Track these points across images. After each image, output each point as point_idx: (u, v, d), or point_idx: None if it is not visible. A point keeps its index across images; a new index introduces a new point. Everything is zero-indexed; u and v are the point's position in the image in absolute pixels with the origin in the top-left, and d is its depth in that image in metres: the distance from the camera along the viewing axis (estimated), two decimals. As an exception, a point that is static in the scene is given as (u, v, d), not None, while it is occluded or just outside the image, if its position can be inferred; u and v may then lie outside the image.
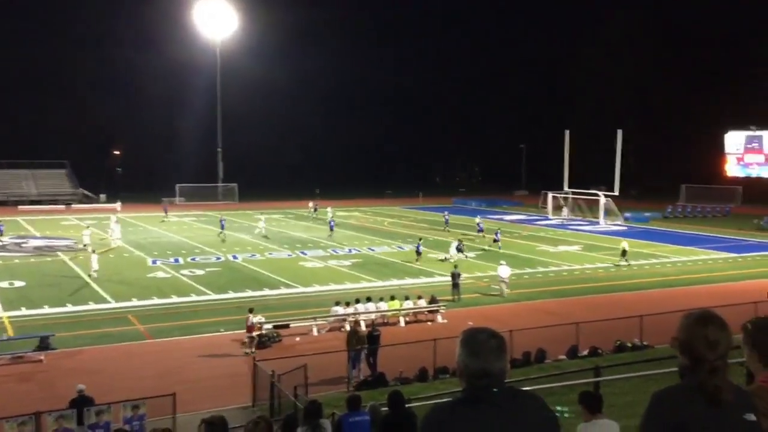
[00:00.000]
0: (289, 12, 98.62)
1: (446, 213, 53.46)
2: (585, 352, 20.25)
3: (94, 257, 32.56)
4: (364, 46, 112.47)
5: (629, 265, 35.99)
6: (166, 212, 60.26)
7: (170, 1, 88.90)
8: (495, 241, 41.24)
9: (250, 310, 22.01)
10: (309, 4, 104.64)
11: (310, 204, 61.93)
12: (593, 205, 59.22)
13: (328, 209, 56.63)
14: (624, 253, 36.50)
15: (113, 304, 26.90)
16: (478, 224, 47.61)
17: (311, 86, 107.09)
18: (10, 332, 22.52)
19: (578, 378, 12.63)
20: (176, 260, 36.97)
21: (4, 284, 30.21)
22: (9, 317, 24.47)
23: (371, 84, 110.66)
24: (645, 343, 21.02)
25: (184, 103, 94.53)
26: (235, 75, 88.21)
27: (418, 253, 36.73)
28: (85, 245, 39.14)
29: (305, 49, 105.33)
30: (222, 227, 46.63)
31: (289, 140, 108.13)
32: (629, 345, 20.95)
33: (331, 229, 47.45)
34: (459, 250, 37.49)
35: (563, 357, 19.99)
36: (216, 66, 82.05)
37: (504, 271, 28.71)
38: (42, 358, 19.90)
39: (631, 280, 32.81)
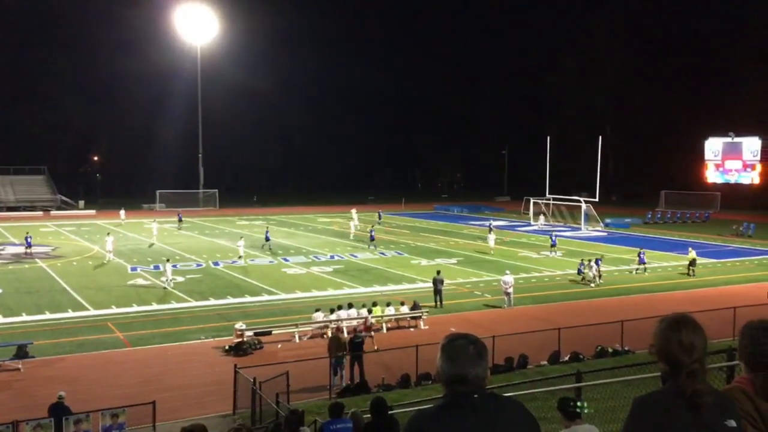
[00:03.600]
0: (270, 17, 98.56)
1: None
2: (567, 358, 20.34)
3: (169, 266, 31.47)
4: (346, 51, 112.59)
5: (694, 274, 35.19)
6: (180, 220, 56.51)
7: (151, 5, 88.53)
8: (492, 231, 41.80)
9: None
10: (290, 9, 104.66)
11: (353, 212, 60.58)
12: (574, 210, 59.58)
13: (353, 215, 55.81)
14: (693, 263, 35.58)
15: (92, 312, 26.62)
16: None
17: (292, 92, 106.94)
18: (-13, 340, 22.19)
19: (560, 383, 12.65)
20: (156, 267, 36.66)
21: (-19, 292, 29.81)
22: (-14, 325, 24.13)
23: (352, 90, 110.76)
24: (626, 348, 21.15)
25: (164, 108, 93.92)
26: (216, 80, 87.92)
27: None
28: (109, 251, 38.40)
29: (286, 54, 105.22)
30: (267, 239, 43.23)
31: (270, 146, 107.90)
32: (610, 350, 21.06)
33: (372, 240, 44.25)
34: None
35: (545, 362, 20.07)
36: (197, 71, 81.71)
37: (507, 280, 28.20)
38: (20, 366, 19.63)
39: (612, 286, 33.00)
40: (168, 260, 32.55)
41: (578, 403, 6.78)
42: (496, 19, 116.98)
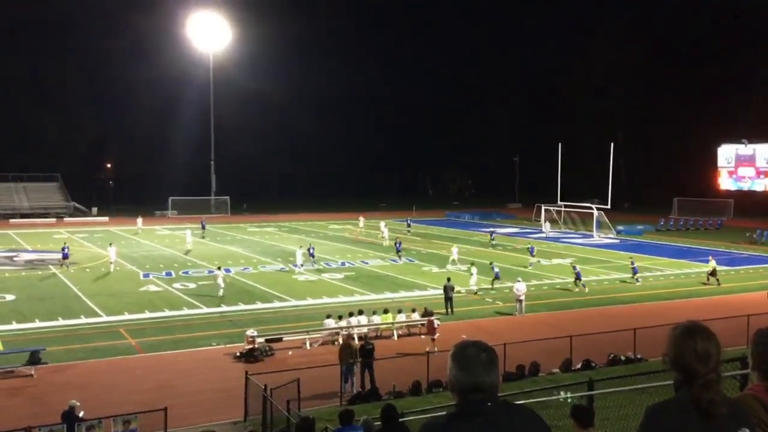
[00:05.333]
0: (282, 24, 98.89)
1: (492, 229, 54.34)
2: (579, 365, 20.23)
3: (220, 274, 31.02)
4: (357, 58, 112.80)
5: (719, 282, 34.66)
6: (203, 227, 56.09)
7: (164, 14, 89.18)
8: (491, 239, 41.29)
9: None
10: (302, 16, 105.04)
11: (360, 219, 60.04)
12: (586, 218, 59.35)
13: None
14: (714, 272, 35.02)
15: (105, 318, 26.75)
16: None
17: (304, 99, 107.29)
18: (1, 346, 22.34)
19: (572, 391, 12.59)
20: (168, 274, 36.81)
21: (-5, 298, 30.02)
22: (-1, 331, 24.30)
23: (363, 96, 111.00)
24: (639, 356, 21.01)
25: (176, 115, 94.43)
26: (228, 87, 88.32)
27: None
28: (111, 262, 37.71)
29: (298, 61, 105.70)
30: (311, 253, 40.42)
31: (281, 152, 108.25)
32: (623, 358, 20.94)
33: (398, 251, 42.87)
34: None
35: (557, 370, 19.97)
36: (209, 78, 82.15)
37: (520, 287, 28.12)
38: (32, 372, 19.72)
39: (625, 293, 32.83)
40: (220, 267, 32.38)
41: (562, 393, 6.77)
42: (508, 25, 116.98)
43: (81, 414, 14.36)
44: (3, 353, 21.13)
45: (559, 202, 60.99)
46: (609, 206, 55.63)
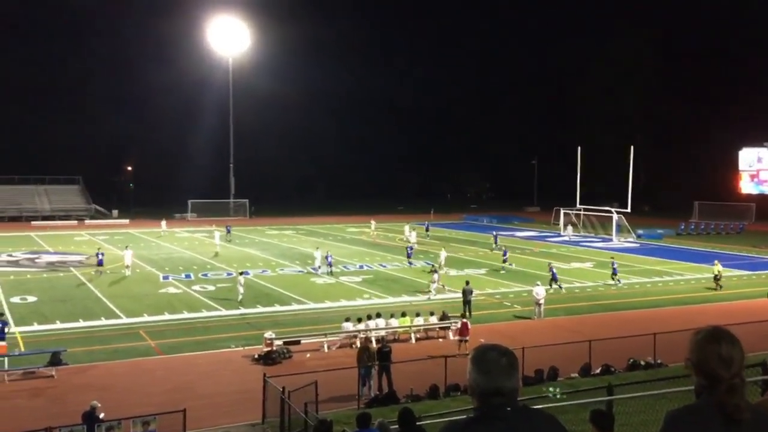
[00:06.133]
0: (300, 27, 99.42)
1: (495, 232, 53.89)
2: (598, 370, 20.09)
3: (240, 279, 30.77)
4: (374, 62, 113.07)
5: (721, 288, 34.36)
6: (228, 231, 55.50)
7: (184, 18, 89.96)
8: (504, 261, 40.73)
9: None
10: (320, 19, 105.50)
11: (372, 223, 60.33)
12: (605, 221, 58.96)
13: (406, 229, 55.44)
14: (717, 278, 34.64)
15: (125, 320, 26.96)
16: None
17: (322, 101, 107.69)
18: (22, 347, 22.59)
19: (591, 396, 12.51)
20: (188, 276, 37.06)
21: (17, 299, 30.36)
22: (21, 332, 24.55)
23: (381, 100, 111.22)
24: (659, 361, 20.82)
25: (196, 119, 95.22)
26: (247, 91, 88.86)
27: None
28: (127, 266, 37.43)
29: (317, 63, 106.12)
30: (329, 262, 38.69)
31: (300, 155, 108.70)
32: (642, 363, 20.75)
33: (409, 256, 42.20)
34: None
35: (576, 375, 19.83)
36: (228, 82, 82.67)
37: (539, 291, 28.00)
38: (53, 373, 19.92)
39: (645, 298, 32.58)
40: (241, 272, 32.25)
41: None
42: (525, 28, 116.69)
43: (101, 415, 14.49)
44: (24, 354, 21.36)
45: (578, 205, 60.65)
46: (629, 210, 55.24)
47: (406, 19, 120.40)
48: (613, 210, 56.90)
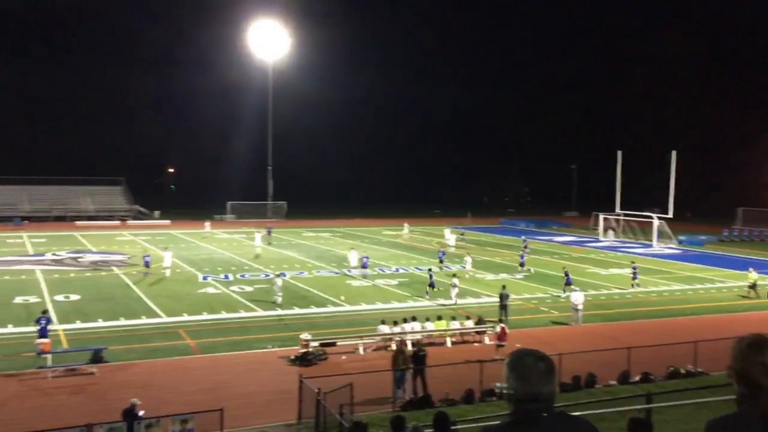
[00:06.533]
0: (340, 32, 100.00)
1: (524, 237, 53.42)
2: (637, 378, 19.77)
3: (279, 281, 30.92)
4: (413, 65, 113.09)
5: (758, 296, 33.68)
6: (269, 233, 55.39)
7: (225, 23, 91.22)
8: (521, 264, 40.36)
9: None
10: (358, 24, 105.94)
11: (405, 226, 60.07)
12: (646, 227, 58.06)
13: (447, 232, 55.57)
14: (754, 285, 33.94)
15: (164, 319, 27.38)
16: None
17: (360, 105, 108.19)
18: (65, 344, 23.08)
19: (629, 404, 12.33)
20: (226, 276, 37.49)
21: (60, 297, 31.04)
22: (64, 330, 25.09)
23: (420, 103, 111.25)
24: (699, 369, 20.42)
25: (236, 122, 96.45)
26: (287, 94, 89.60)
27: (431, 285, 33.03)
28: (166, 267, 37.49)
29: (355, 68, 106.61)
30: (364, 264, 38.87)
31: (337, 158, 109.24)
32: (683, 371, 20.38)
33: (441, 261, 41.65)
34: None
35: (614, 382, 19.56)
36: (268, 86, 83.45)
37: (577, 297, 27.71)
38: (95, 370, 20.31)
39: (686, 305, 31.98)
40: (279, 275, 32.33)
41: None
42: (566, 31, 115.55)
43: (141, 412, 14.73)
44: (67, 351, 21.83)
45: (617, 210, 59.80)
46: (670, 215, 54.29)
47: (445, 22, 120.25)
48: (654, 215, 55.99)
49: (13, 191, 76.11)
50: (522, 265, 40.10)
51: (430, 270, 35.87)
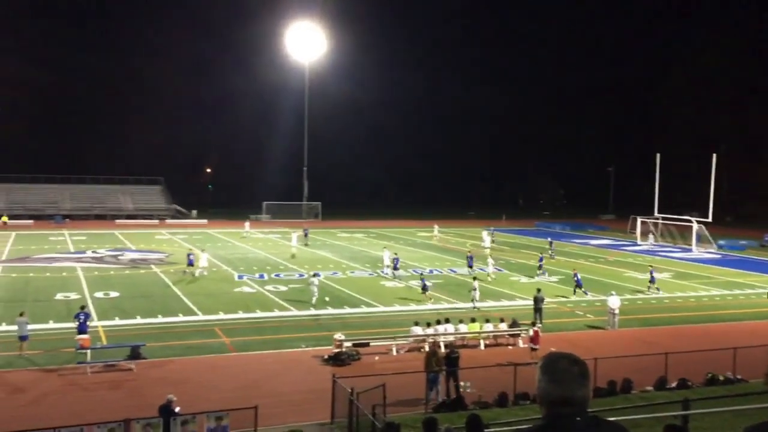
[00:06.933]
0: (375, 34, 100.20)
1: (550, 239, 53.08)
2: (674, 384, 19.46)
3: (315, 281, 30.93)
4: (448, 67, 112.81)
5: None
6: (306, 235, 54.86)
7: (263, 26, 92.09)
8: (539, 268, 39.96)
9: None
10: (395, 26, 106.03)
11: (435, 227, 60.08)
12: (685, 231, 57.09)
13: (484, 234, 55.42)
14: None
15: (201, 317, 27.73)
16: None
17: (396, 106, 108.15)
18: (104, 341, 23.53)
19: (666, 410, 12.15)
20: (261, 276, 37.83)
21: (100, 294, 31.64)
22: (103, 326, 25.58)
23: (454, 104, 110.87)
24: (738, 376, 20.02)
25: (272, 123, 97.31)
26: (323, 96, 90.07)
27: (424, 289, 32.31)
28: (202, 267, 37.89)
29: (391, 69, 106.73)
30: (395, 266, 38.80)
31: (373, 160, 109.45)
32: (721, 378, 19.99)
33: (470, 266, 40.25)
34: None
35: (650, 388, 19.27)
36: (304, 87, 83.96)
37: (614, 301, 27.38)
38: (133, 366, 20.66)
39: (725, 311, 31.38)
40: (315, 275, 32.31)
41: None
42: (604, 32, 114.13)
43: (177, 409, 14.95)
44: (106, 347, 22.25)
45: (656, 213, 58.90)
46: (710, 219, 53.30)
47: (481, 24, 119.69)
48: (693, 219, 55.03)
49: (55, 190, 77.86)
50: (540, 268, 39.81)
51: (422, 275, 35.55)
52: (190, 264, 37.67)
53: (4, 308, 28.03)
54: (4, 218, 62.16)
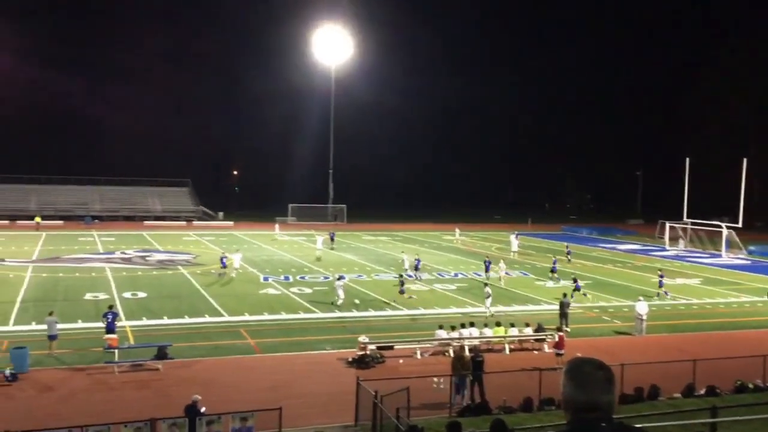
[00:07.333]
0: (402, 36, 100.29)
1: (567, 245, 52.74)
2: (702, 391, 19.18)
3: (341, 284, 31.14)
4: (476, 70, 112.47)
5: None
6: (332, 239, 54.32)
7: (290, 29, 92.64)
8: (552, 272, 39.61)
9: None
10: (420, 28, 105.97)
11: (457, 231, 59.89)
12: (714, 236, 56.30)
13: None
14: None
15: (227, 318, 27.94)
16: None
17: (422, 109, 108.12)
18: (132, 340, 23.81)
19: (693, 418, 11.99)
20: (286, 278, 38.01)
21: (128, 295, 32.02)
22: (131, 326, 25.88)
23: (482, 108, 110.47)
24: (768, 384, 19.69)
25: (299, 125, 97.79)
26: (348, 98, 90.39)
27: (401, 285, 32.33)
28: (235, 268, 38.30)
29: (416, 72, 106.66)
30: (417, 266, 39.80)
31: (398, 163, 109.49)
32: (750, 386, 19.65)
33: (487, 270, 39.55)
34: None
35: (678, 395, 19.01)
36: (330, 90, 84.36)
37: (642, 307, 27.06)
38: (159, 366, 20.88)
39: (755, 318, 30.87)
40: (339, 278, 32.31)
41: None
42: (633, 34, 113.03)
43: (203, 409, 15.08)
44: (134, 347, 22.51)
45: (685, 218, 58.15)
46: (740, 225, 52.49)
47: (509, 27, 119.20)
48: (723, 224, 54.23)
49: (84, 191, 79.02)
50: (553, 271, 39.52)
51: (400, 276, 35.37)
52: (224, 266, 37.80)
53: (34, 308, 28.50)
54: (38, 219, 63.28)
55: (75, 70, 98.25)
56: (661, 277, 35.54)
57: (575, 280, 34.03)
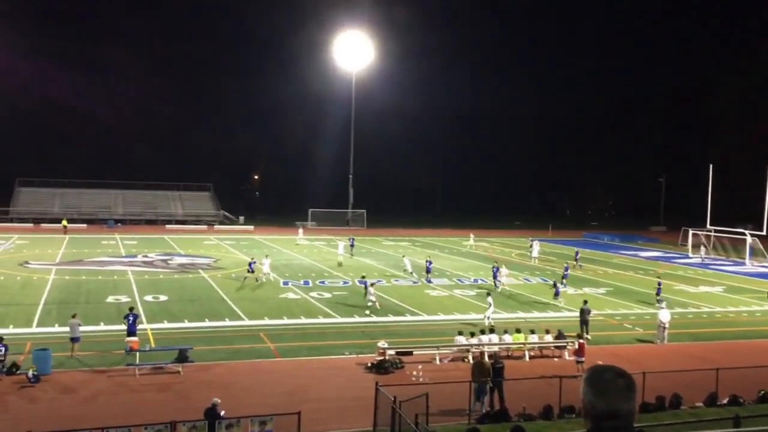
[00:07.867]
0: (423, 41, 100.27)
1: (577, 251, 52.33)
2: (725, 401, 18.93)
3: (372, 290, 31.10)
4: (495, 76, 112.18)
5: None
6: (353, 245, 53.38)
7: (311, 34, 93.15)
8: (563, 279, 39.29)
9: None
10: (440, 34, 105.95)
11: (471, 237, 59.88)
12: (738, 244, 55.61)
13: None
14: None
15: (247, 322, 28.06)
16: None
17: (442, 115, 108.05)
18: (153, 343, 23.98)
19: (716, 427, 11.84)
20: (306, 282, 38.10)
21: (149, 298, 32.28)
22: (152, 329, 26.08)
23: (503, 113, 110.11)
24: (794, 395, 19.37)
25: (319, 131, 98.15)
26: (369, 104, 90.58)
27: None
28: (265, 273, 38.26)
29: (436, 77, 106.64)
30: (428, 268, 40.52)
31: (419, 168, 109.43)
32: (775, 396, 19.37)
33: (495, 278, 38.67)
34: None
35: (700, 404, 18.78)
36: (351, 95, 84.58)
37: (664, 315, 26.76)
38: (180, 369, 21.00)
39: (780, 327, 30.41)
40: (373, 284, 32.26)
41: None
42: (655, 41, 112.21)
43: (222, 412, 15.15)
44: (155, 350, 22.67)
45: (708, 226, 57.51)
46: (764, 232, 51.81)
47: (530, 33, 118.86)
48: (746, 232, 53.57)
49: (107, 195, 79.87)
50: (564, 277, 39.25)
51: (363, 276, 35.41)
52: (251, 271, 37.74)
53: (57, 310, 28.82)
54: (65, 222, 64.07)
55: (102, 76, 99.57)
56: (659, 285, 35.07)
57: (555, 284, 34.45)
